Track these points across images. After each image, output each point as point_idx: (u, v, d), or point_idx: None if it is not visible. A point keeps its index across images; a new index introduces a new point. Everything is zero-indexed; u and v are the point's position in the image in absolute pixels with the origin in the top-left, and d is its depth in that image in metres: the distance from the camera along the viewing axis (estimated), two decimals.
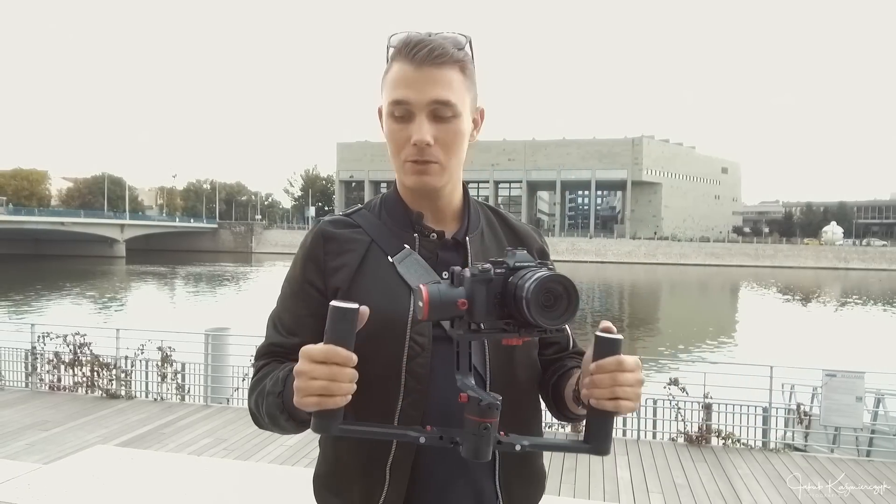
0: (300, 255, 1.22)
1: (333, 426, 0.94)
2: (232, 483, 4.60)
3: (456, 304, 0.93)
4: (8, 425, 6.35)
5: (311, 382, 0.90)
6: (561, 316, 0.91)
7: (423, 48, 1.08)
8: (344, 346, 0.91)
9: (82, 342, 7.77)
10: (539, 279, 0.90)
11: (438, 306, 0.93)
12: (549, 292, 0.90)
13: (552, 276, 0.90)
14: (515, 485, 1.19)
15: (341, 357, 0.90)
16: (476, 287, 0.93)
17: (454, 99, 1.10)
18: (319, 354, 0.90)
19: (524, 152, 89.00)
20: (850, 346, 19.13)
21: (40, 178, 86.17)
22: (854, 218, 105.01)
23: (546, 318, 0.90)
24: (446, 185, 1.17)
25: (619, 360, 0.96)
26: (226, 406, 7.28)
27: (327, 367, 0.90)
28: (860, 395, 6.25)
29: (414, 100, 1.09)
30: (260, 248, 78.87)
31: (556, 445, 1.02)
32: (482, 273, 0.93)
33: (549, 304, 0.90)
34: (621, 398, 0.97)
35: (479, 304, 0.93)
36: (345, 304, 0.91)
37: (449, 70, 1.10)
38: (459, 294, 0.93)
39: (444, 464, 1.12)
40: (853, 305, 35.25)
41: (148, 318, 21.18)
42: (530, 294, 0.89)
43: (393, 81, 1.11)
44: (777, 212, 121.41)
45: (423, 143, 1.09)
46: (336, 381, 0.90)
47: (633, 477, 5.42)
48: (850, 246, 76.26)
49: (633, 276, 54.22)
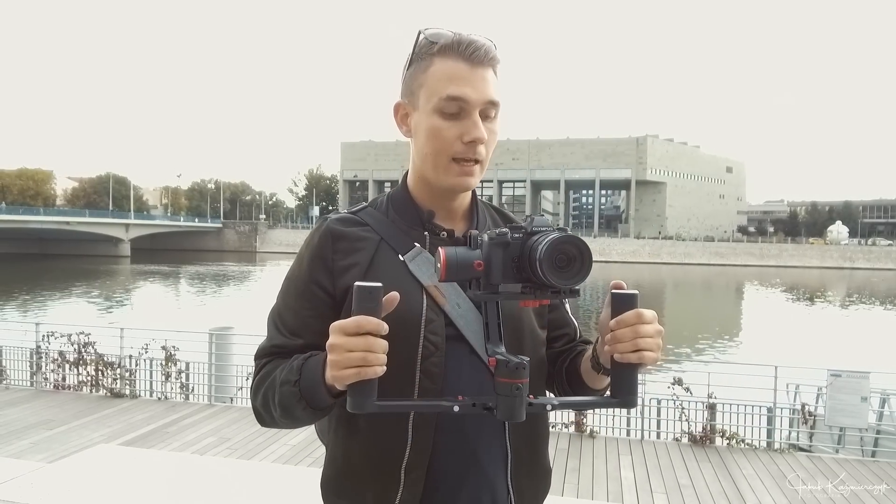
0: (306, 253, 1.19)
1: (369, 402, 0.94)
2: (235, 482, 4.61)
3: (472, 266, 0.95)
4: (12, 424, 6.37)
5: (349, 354, 0.91)
6: (575, 276, 0.92)
7: (479, 48, 1.09)
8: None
9: (87, 341, 7.78)
10: (552, 240, 0.91)
11: (455, 267, 0.95)
12: (562, 253, 0.91)
13: (565, 236, 0.92)
14: (525, 481, 1.19)
15: (373, 325, 0.91)
16: (493, 250, 0.95)
17: (499, 99, 1.13)
18: (352, 326, 0.91)
19: (528, 151, 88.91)
20: (855, 346, 19.07)
21: (45, 178, 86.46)
22: (859, 217, 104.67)
23: (559, 278, 0.91)
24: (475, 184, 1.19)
25: (639, 312, 1.00)
26: (229, 405, 7.29)
27: (362, 337, 0.91)
28: (865, 396, 6.22)
29: (472, 98, 1.09)
30: (264, 248, 78.97)
31: (586, 403, 1.07)
32: (499, 236, 0.95)
33: (562, 264, 0.91)
34: (644, 349, 0.99)
35: (495, 266, 0.95)
36: (369, 284, 0.93)
37: (492, 71, 1.12)
38: (476, 256, 0.96)
39: (457, 463, 1.12)
40: (858, 305, 35.12)
41: (152, 317, 21.24)
42: (543, 254, 0.90)
43: (446, 78, 1.09)
44: (782, 211, 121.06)
45: (481, 140, 1.11)
46: (372, 352, 0.91)
47: (636, 477, 5.41)
48: (855, 245, 75.97)
49: (637, 275, 54.10)
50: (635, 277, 51.62)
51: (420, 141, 1.14)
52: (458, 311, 1.12)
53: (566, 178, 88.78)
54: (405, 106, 1.17)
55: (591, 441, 6.22)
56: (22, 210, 64.32)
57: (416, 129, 1.15)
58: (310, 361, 1.06)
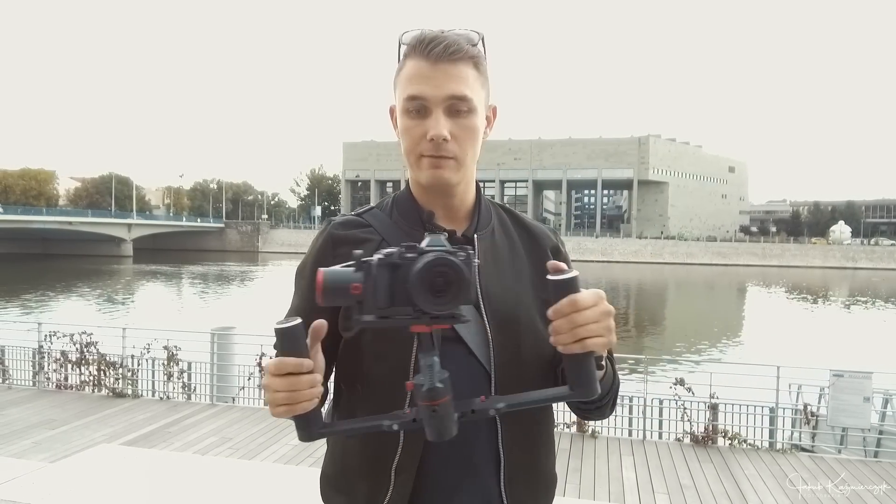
0: (310, 259, 1.21)
1: (313, 431, 0.94)
2: (237, 482, 4.61)
3: (349, 289, 0.87)
4: (15, 424, 6.38)
5: (276, 394, 0.92)
6: (450, 302, 0.86)
7: (439, 44, 1.08)
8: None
9: (89, 341, 7.80)
10: (425, 263, 0.85)
11: (331, 290, 0.88)
12: (439, 276, 0.85)
13: (438, 258, 0.86)
14: (523, 489, 1.16)
15: (292, 366, 0.90)
16: (379, 272, 0.88)
17: (470, 94, 1.10)
18: (273, 368, 0.91)
19: (530, 151, 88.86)
20: (858, 346, 19.03)
21: (48, 178, 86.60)
22: (862, 217, 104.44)
23: (433, 304, 0.86)
24: (461, 181, 1.17)
25: (573, 300, 0.90)
26: (231, 405, 7.30)
27: (285, 378, 0.91)
28: (868, 396, 6.21)
29: (430, 95, 1.08)
30: (266, 248, 79.09)
31: (539, 398, 0.97)
32: (387, 257, 0.88)
33: (438, 288, 0.85)
34: (586, 337, 0.91)
35: (381, 289, 0.87)
36: (285, 325, 0.90)
37: (464, 66, 1.10)
38: (354, 278, 0.87)
39: (449, 466, 1.11)
40: (861, 305, 35.05)
41: (154, 317, 21.27)
42: (413, 277, 0.85)
43: (408, 77, 1.10)
44: (784, 211, 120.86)
45: (439, 137, 1.09)
46: (296, 390, 0.91)
47: (638, 477, 5.40)
48: (858, 245, 75.87)
49: (639, 275, 54.08)
50: (637, 277, 51.61)
51: (401, 141, 1.16)
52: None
53: (568, 177, 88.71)
54: (395, 108, 1.18)
55: (593, 441, 6.21)
56: (25, 210, 64.50)
57: (399, 130, 1.17)
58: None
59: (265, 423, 6.35)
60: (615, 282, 47.30)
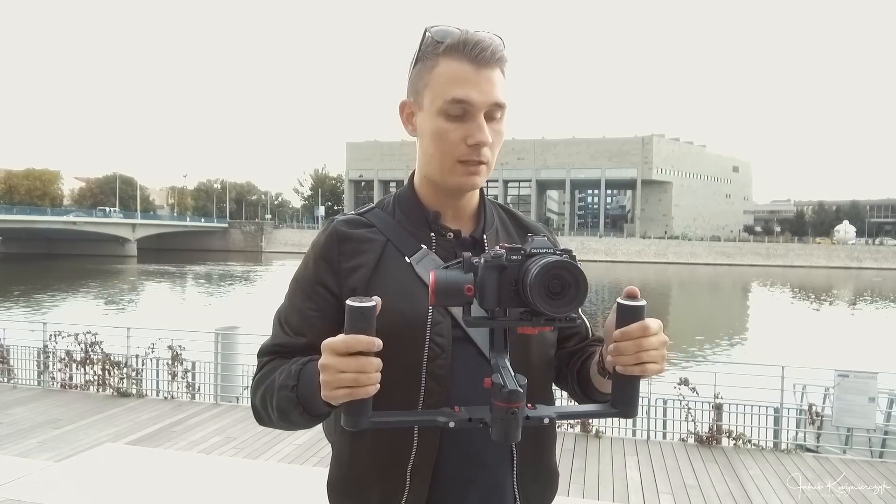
0: (312, 254, 1.19)
1: (364, 419, 0.93)
2: (241, 481, 4.62)
3: (462, 291, 0.90)
4: (20, 423, 6.40)
5: (340, 375, 0.89)
6: (568, 304, 0.87)
7: (485, 49, 1.07)
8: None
9: (93, 341, 7.81)
10: (544, 265, 0.86)
11: (444, 291, 0.90)
12: (555, 278, 0.86)
13: (558, 261, 0.87)
14: (532, 485, 1.18)
15: (364, 344, 0.88)
16: (487, 273, 0.90)
17: (505, 101, 1.11)
18: (342, 346, 0.89)
19: (533, 151, 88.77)
20: (863, 346, 18.97)
21: (52, 178, 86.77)
22: (867, 217, 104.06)
23: (551, 306, 0.86)
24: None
25: (644, 325, 0.96)
26: (235, 405, 7.31)
27: (353, 357, 0.88)
28: (873, 396, 6.18)
29: (476, 100, 1.07)
30: (270, 248, 79.15)
31: (585, 413, 1.01)
32: (494, 259, 0.90)
33: (555, 291, 0.86)
34: (647, 362, 0.96)
35: (489, 290, 0.90)
36: (362, 304, 0.89)
37: (499, 71, 1.10)
38: (467, 280, 0.91)
39: (463, 466, 1.11)
40: (866, 305, 34.93)
41: (158, 316, 21.30)
42: (533, 280, 0.86)
43: (451, 79, 1.07)
44: (788, 211, 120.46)
45: (485, 144, 1.09)
46: (364, 372, 0.89)
47: (642, 477, 5.39)
48: (862, 245, 75.54)
49: (643, 275, 53.96)
50: (641, 277, 51.48)
51: (425, 142, 1.13)
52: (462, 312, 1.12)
53: (572, 177, 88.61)
54: (410, 105, 1.16)
55: (597, 441, 6.20)
56: (29, 210, 64.68)
57: (422, 130, 1.14)
58: (307, 367, 1.04)
59: None
60: (619, 282, 47.21)
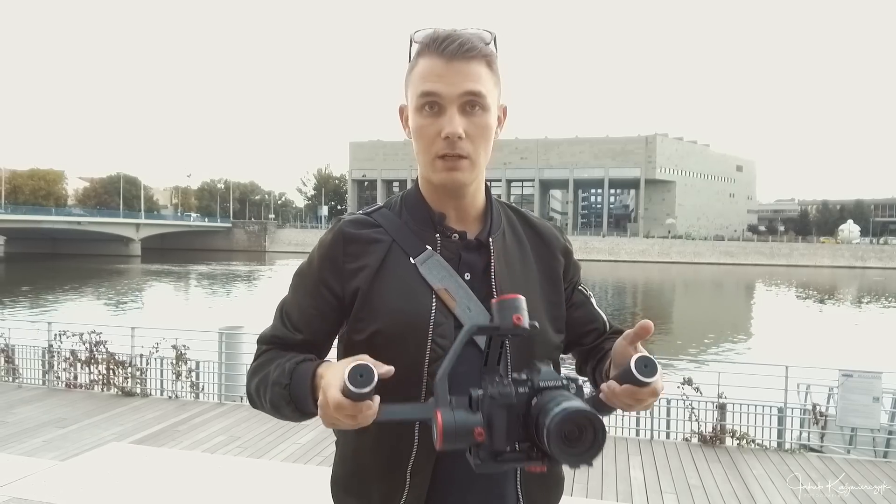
0: (318, 253, 1.20)
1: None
2: (245, 481, 4.63)
3: (473, 434, 0.88)
4: (25, 422, 6.42)
5: (335, 420, 0.91)
6: (584, 453, 0.83)
7: (453, 42, 1.07)
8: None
9: (98, 340, 7.83)
10: (565, 414, 0.82)
11: (453, 435, 0.87)
12: (574, 425, 0.83)
13: (579, 412, 0.83)
14: (536, 488, 1.18)
15: (357, 409, 0.88)
16: (495, 412, 0.88)
17: (483, 91, 1.09)
18: (335, 408, 0.89)
19: (537, 150, 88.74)
20: (867, 345, 18.92)
21: (57, 178, 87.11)
22: (871, 216, 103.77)
23: (566, 454, 0.82)
24: (473, 181, 1.16)
25: (653, 389, 0.95)
26: (239, 404, 7.32)
27: (348, 416, 0.89)
28: (877, 396, 6.17)
29: (445, 92, 1.07)
30: (273, 247, 79.28)
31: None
32: (503, 397, 0.89)
33: (572, 437, 0.83)
34: (635, 406, 0.99)
35: (497, 430, 0.88)
36: (359, 391, 0.85)
37: (477, 64, 1.09)
38: (476, 422, 0.88)
39: (464, 467, 1.11)
40: (870, 305, 34.83)
41: (163, 316, 21.36)
42: (552, 428, 0.82)
43: (422, 75, 1.09)
44: (793, 210, 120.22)
45: (454, 134, 1.08)
46: (357, 420, 0.90)
47: (646, 477, 5.39)
48: (867, 244, 75.31)
49: (646, 274, 53.91)
50: (645, 277, 51.45)
51: (413, 141, 1.15)
52: (468, 314, 1.12)
53: (575, 177, 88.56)
54: (405, 108, 1.18)
55: None
56: (34, 210, 64.92)
57: (411, 130, 1.15)
58: (300, 368, 1.05)
59: (273, 422, 6.37)
60: (622, 281, 47.19)
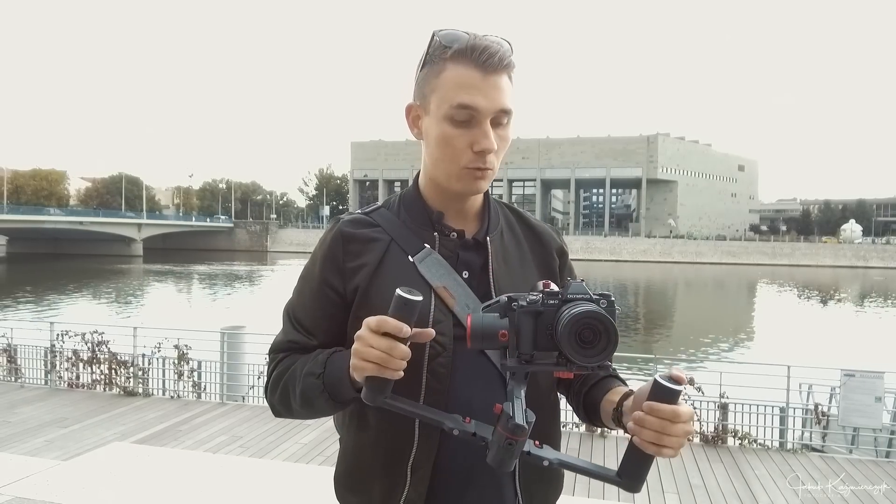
0: (319, 253, 1.21)
1: (380, 398, 0.97)
2: (247, 480, 4.63)
3: (497, 336, 0.93)
4: (27, 422, 6.43)
5: (369, 349, 0.94)
6: (598, 354, 0.88)
7: (493, 55, 1.06)
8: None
9: (100, 340, 7.85)
10: (574, 315, 0.87)
11: (480, 335, 0.94)
12: (586, 328, 0.87)
13: (588, 311, 0.87)
14: (535, 485, 1.18)
15: (392, 326, 0.93)
16: (523, 319, 0.93)
17: (513, 107, 1.11)
18: (374, 324, 0.94)
19: (538, 150, 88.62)
20: (869, 345, 18.90)
21: (59, 179, 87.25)
22: (873, 216, 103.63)
23: (581, 355, 0.88)
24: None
25: (675, 411, 0.93)
26: (241, 404, 7.33)
27: (385, 337, 0.93)
28: (879, 396, 6.16)
29: (483, 107, 1.07)
30: (275, 247, 79.33)
31: (587, 470, 0.99)
32: (530, 305, 0.93)
33: (586, 340, 0.87)
34: (665, 445, 0.95)
35: (525, 336, 0.93)
36: (407, 295, 0.93)
37: (506, 77, 1.10)
38: (502, 325, 0.94)
39: (464, 464, 1.12)
40: (872, 304, 34.78)
41: (165, 316, 21.38)
42: (563, 330, 0.87)
43: (458, 85, 1.07)
44: (794, 210, 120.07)
45: (490, 151, 1.09)
46: (391, 355, 0.93)
47: (648, 477, 5.38)
48: (869, 244, 75.19)
49: (648, 274, 53.88)
50: (646, 277, 51.42)
51: (431, 146, 1.14)
52: (467, 311, 1.12)
53: (576, 176, 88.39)
54: (417, 108, 1.16)
55: (602, 440, 6.20)
56: (36, 210, 65.00)
57: (428, 134, 1.14)
58: (335, 356, 1.09)
59: (275, 422, 6.38)
60: (624, 281, 47.16)
